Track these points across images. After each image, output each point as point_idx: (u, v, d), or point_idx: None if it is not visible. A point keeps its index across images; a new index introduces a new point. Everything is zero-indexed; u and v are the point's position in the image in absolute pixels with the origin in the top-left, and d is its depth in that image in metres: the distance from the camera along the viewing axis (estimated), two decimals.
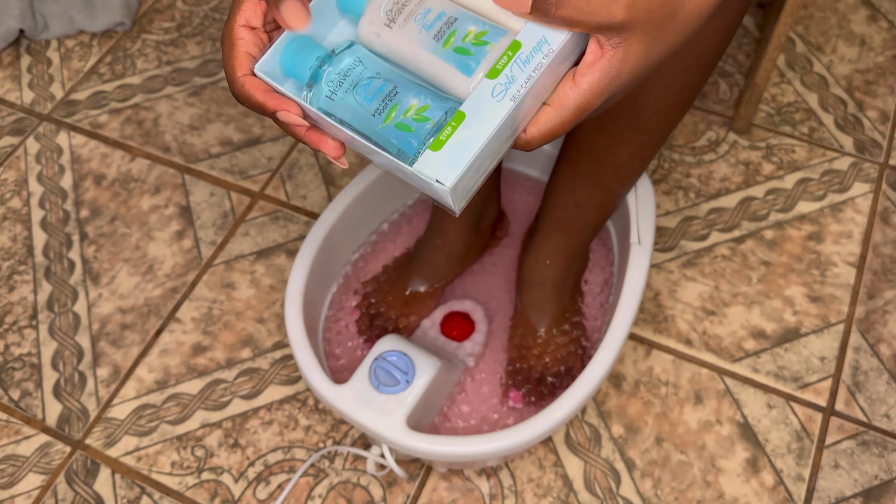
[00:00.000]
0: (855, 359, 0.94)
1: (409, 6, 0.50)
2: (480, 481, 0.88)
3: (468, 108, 0.47)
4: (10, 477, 0.90)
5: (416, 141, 0.48)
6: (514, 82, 0.46)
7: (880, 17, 1.25)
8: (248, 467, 0.90)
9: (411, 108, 0.48)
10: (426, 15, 0.50)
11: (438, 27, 0.50)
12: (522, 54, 0.46)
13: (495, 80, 0.46)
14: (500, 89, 0.46)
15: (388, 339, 0.84)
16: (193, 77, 1.23)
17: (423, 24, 0.50)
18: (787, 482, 0.87)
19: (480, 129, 0.46)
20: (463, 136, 0.46)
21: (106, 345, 0.99)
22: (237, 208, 1.10)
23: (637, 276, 0.86)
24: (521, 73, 0.46)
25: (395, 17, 0.51)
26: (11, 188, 1.13)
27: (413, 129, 0.48)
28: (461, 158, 0.46)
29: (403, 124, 0.48)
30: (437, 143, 0.46)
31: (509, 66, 0.46)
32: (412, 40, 0.50)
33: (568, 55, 0.48)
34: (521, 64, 0.46)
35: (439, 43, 0.49)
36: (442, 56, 0.49)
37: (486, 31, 0.49)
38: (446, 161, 0.46)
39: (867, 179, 1.08)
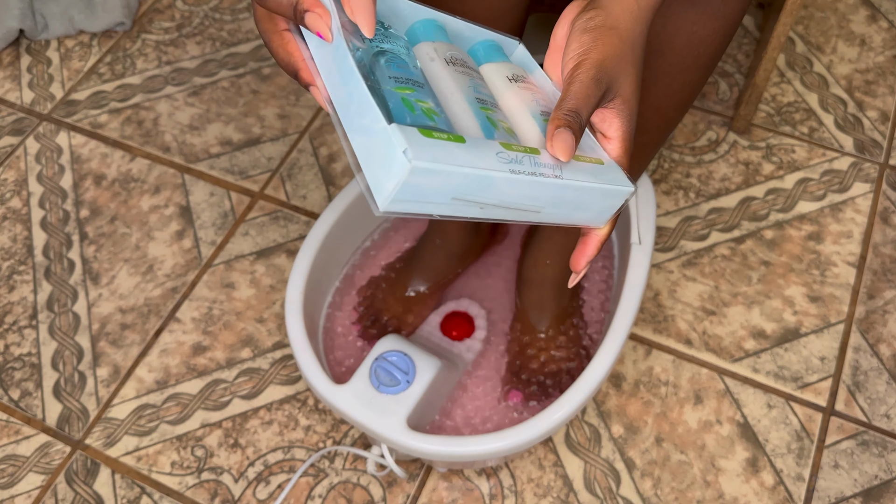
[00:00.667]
0: (855, 359, 0.94)
1: (467, 67, 0.52)
2: (480, 481, 0.88)
3: (471, 141, 0.45)
4: (10, 477, 0.90)
5: (410, 119, 0.45)
6: (517, 163, 0.45)
7: (880, 16, 1.25)
8: (248, 467, 0.90)
9: (424, 102, 0.47)
10: (479, 86, 0.51)
11: (484, 97, 0.51)
12: (537, 158, 0.47)
13: (505, 150, 0.46)
14: (503, 156, 0.45)
15: (389, 338, 0.84)
16: (193, 77, 1.23)
17: (474, 86, 0.51)
18: (786, 482, 0.87)
19: (470, 159, 0.43)
20: (454, 150, 0.43)
21: (106, 345, 0.99)
22: (237, 208, 1.10)
23: (637, 276, 0.86)
24: (527, 165, 0.45)
25: (452, 62, 0.52)
26: (11, 188, 1.13)
27: (414, 111, 0.45)
28: (440, 157, 0.42)
29: (408, 101, 0.46)
30: (427, 132, 0.43)
31: (522, 154, 0.46)
32: (457, 83, 0.50)
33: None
34: (532, 162, 0.46)
35: (477, 105, 0.50)
36: (474, 111, 0.49)
37: (514, 132, 0.50)
38: (426, 147, 0.42)
39: (867, 179, 1.08)
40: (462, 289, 0.98)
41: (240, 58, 1.25)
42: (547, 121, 0.50)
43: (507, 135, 0.49)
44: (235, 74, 1.23)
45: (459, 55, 0.53)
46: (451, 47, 0.53)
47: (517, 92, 0.53)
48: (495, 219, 0.48)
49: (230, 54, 1.25)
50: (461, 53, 0.53)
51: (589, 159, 0.50)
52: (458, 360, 0.92)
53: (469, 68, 0.52)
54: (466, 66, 0.52)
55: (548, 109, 0.52)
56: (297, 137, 1.16)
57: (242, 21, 1.30)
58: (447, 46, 0.53)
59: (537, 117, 0.51)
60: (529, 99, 0.52)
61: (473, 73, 0.52)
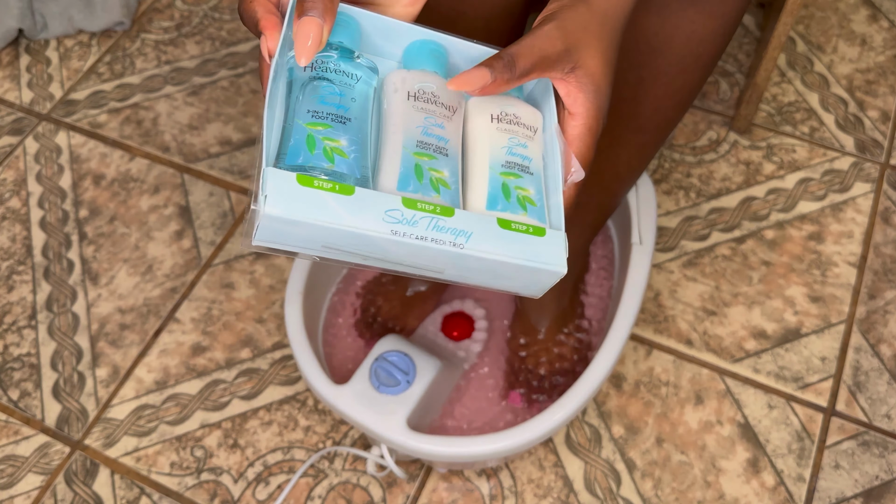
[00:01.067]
0: (856, 359, 0.94)
1: (435, 103, 0.50)
2: (480, 482, 0.88)
3: (360, 195, 0.43)
4: (10, 477, 0.90)
5: (303, 159, 0.45)
6: (407, 224, 0.44)
7: (881, 16, 1.25)
8: (247, 468, 0.90)
9: (334, 141, 0.46)
10: (434, 126, 0.49)
11: (432, 140, 0.49)
12: (442, 221, 0.45)
13: (401, 207, 0.44)
14: (393, 215, 0.44)
15: (389, 339, 0.84)
16: (193, 76, 1.23)
17: (426, 126, 0.49)
18: (787, 482, 0.87)
19: (344, 215, 0.43)
20: (328, 202, 0.43)
21: (105, 345, 0.99)
22: (236, 208, 1.09)
23: (638, 276, 0.86)
24: (420, 228, 0.44)
25: (416, 96, 0.50)
26: (10, 188, 1.13)
27: (313, 150, 0.45)
28: (300, 210, 0.42)
29: (313, 139, 0.45)
30: (307, 179, 0.43)
31: (423, 215, 0.45)
32: (404, 122, 0.48)
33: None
34: (431, 225, 0.45)
35: (415, 148, 0.48)
36: (402, 156, 0.47)
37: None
38: (290, 198, 0.42)
39: (868, 179, 1.08)
40: (462, 289, 0.98)
41: (239, 57, 1.25)
42: (507, 173, 0.49)
43: (431, 188, 0.46)
44: (235, 74, 1.23)
45: (431, 87, 0.50)
46: (426, 77, 0.50)
47: (490, 135, 0.50)
48: (388, 271, 0.48)
49: (229, 54, 1.25)
50: (435, 85, 0.50)
51: (524, 227, 0.47)
52: (458, 360, 0.92)
53: (436, 104, 0.50)
54: (434, 101, 0.50)
55: (522, 161, 0.50)
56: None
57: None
58: (422, 76, 0.50)
59: (496, 168, 0.49)
60: (500, 145, 0.50)
61: (438, 109, 0.50)
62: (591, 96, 0.49)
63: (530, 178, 0.49)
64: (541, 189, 0.49)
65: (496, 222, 0.47)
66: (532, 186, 0.49)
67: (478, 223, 0.46)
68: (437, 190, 0.47)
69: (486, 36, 0.72)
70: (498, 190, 0.48)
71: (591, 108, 0.49)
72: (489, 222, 0.46)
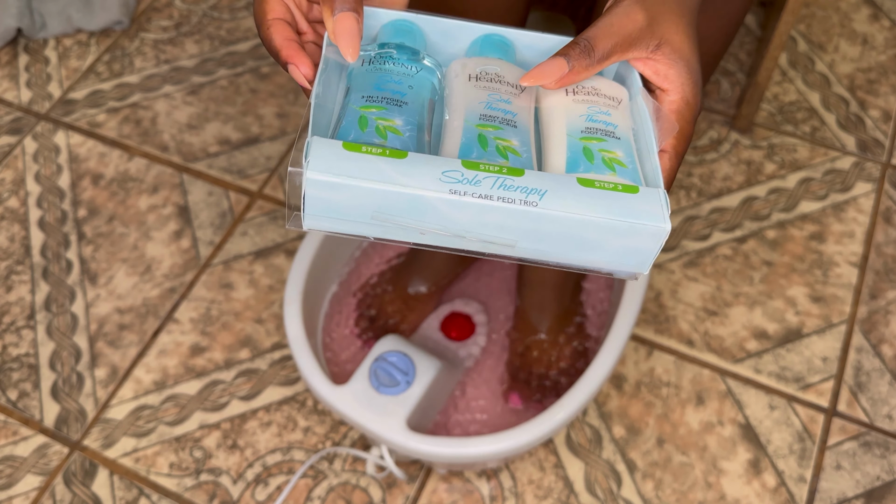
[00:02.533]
0: (857, 359, 0.94)
1: (499, 82, 0.46)
2: (481, 483, 0.88)
3: (413, 157, 0.39)
4: (8, 478, 0.90)
5: (354, 136, 0.41)
6: (468, 183, 0.39)
7: (882, 15, 1.24)
8: (246, 468, 0.89)
9: (388, 121, 0.43)
10: (499, 101, 0.45)
11: (498, 113, 0.45)
12: (511, 180, 0.40)
13: (462, 168, 0.40)
14: (451, 175, 0.39)
15: (389, 339, 0.83)
16: (192, 76, 1.22)
17: (490, 101, 0.45)
18: (788, 483, 0.87)
19: (395, 175, 0.39)
20: (378, 164, 0.39)
21: (104, 345, 0.99)
22: (235, 208, 1.09)
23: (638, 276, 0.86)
24: (484, 187, 0.39)
25: (478, 77, 0.47)
26: (9, 188, 1.13)
27: (365, 129, 0.42)
28: (347, 170, 0.38)
29: (365, 119, 0.42)
30: (354, 146, 0.39)
31: (487, 175, 0.40)
32: (467, 100, 0.45)
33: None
34: (497, 184, 0.40)
35: (478, 120, 0.44)
36: (464, 129, 0.44)
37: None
38: (335, 160, 0.38)
39: (869, 179, 1.08)
40: (462, 289, 0.97)
41: (238, 56, 1.24)
42: (589, 138, 0.44)
43: (498, 154, 0.42)
44: (234, 73, 1.22)
45: (494, 69, 0.47)
46: (489, 62, 0.47)
47: (567, 106, 0.45)
48: (451, 250, 0.42)
49: (229, 53, 1.25)
50: (500, 68, 0.47)
51: (611, 185, 0.41)
52: (458, 360, 0.92)
53: (501, 83, 0.46)
54: (499, 80, 0.46)
55: (605, 127, 0.45)
56: (295, 136, 1.15)
57: (241, 20, 1.29)
58: (484, 61, 0.48)
59: (574, 134, 0.44)
60: (579, 113, 0.45)
61: (504, 87, 0.46)
62: (683, 71, 0.46)
63: (617, 142, 0.44)
64: (631, 153, 0.44)
65: (576, 180, 0.40)
66: (620, 149, 0.44)
67: (554, 181, 0.40)
68: (506, 156, 0.42)
69: None
70: (579, 153, 0.43)
71: (685, 81, 0.46)
72: (568, 181, 0.40)
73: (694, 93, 0.47)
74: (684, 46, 0.46)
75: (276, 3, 0.48)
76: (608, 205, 0.40)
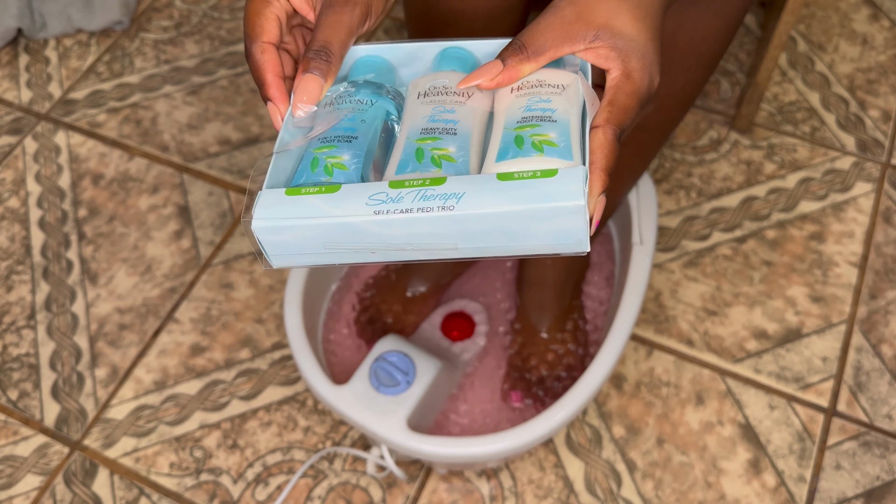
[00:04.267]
0: (857, 359, 0.94)
1: (447, 93, 0.50)
2: (481, 482, 0.88)
3: (345, 190, 0.44)
4: (9, 478, 0.90)
5: (305, 178, 0.46)
6: (391, 202, 0.43)
7: (882, 15, 1.25)
8: (246, 468, 0.89)
9: (335, 158, 0.47)
10: (444, 112, 0.49)
11: (440, 124, 0.49)
12: (431, 190, 0.43)
13: (388, 189, 0.43)
14: (376, 198, 0.43)
15: (389, 339, 0.83)
16: (192, 76, 1.23)
17: (433, 114, 0.49)
18: (788, 483, 0.87)
19: (326, 209, 0.43)
20: (313, 203, 0.43)
21: (104, 345, 0.99)
22: (236, 208, 1.09)
23: (638, 276, 0.86)
24: (405, 202, 0.43)
25: (426, 93, 0.50)
26: (9, 188, 1.13)
27: (315, 169, 0.46)
28: (283, 214, 0.44)
29: (316, 161, 0.47)
30: (295, 190, 0.44)
31: (409, 190, 0.43)
32: (413, 117, 0.49)
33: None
34: (417, 196, 0.43)
35: (419, 135, 0.48)
36: (405, 146, 0.48)
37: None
38: (275, 206, 0.44)
39: (869, 179, 1.08)
40: (462, 289, 0.97)
41: (238, 56, 1.25)
42: (522, 126, 0.47)
43: (431, 164, 0.46)
44: (234, 73, 1.23)
45: (443, 82, 0.50)
46: (440, 76, 0.51)
47: (509, 103, 0.49)
48: (405, 260, 0.46)
49: (229, 53, 1.25)
50: (448, 80, 0.50)
51: (529, 173, 0.43)
52: (459, 360, 0.92)
53: (447, 94, 0.50)
54: (445, 92, 0.50)
55: (542, 113, 0.48)
56: None
57: (241, 20, 1.29)
58: (436, 76, 0.51)
59: (510, 126, 0.47)
60: (518, 106, 0.48)
61: (449, 98, 0.49)
62: (626, 50, 0.47)
63: (552, 124, 0.46)
64: (567, 132, 0.46)
65: (495, 177, 0.43)
66: (554, 131, 0.46)
67: (472, 182, 0.43)
68: (439, 164, 0.46)
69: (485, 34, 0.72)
70: (510, 142, 0.46)
71: (627, 58, 0.47)
72: (487, 179, 0.43)
73: (638, 67, 0.47)
74: (626, 28, 0.47)
75: (271, 23, 0.49)
76: (524, 193, 0.42)
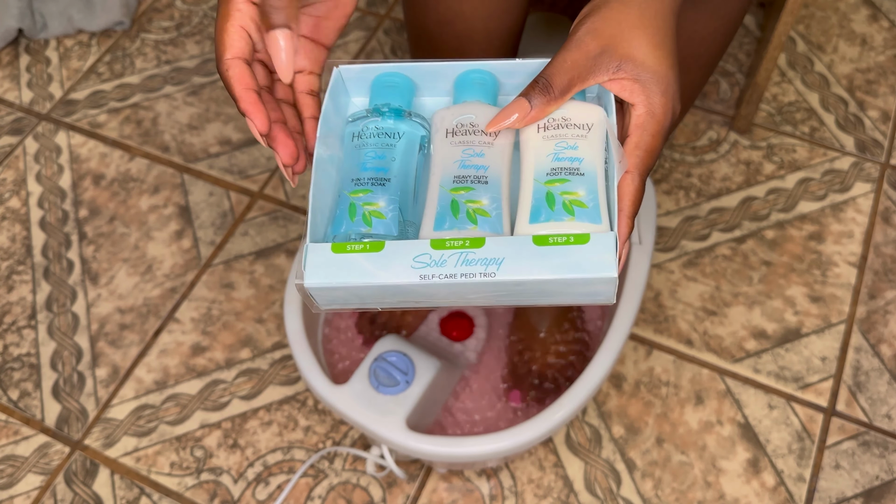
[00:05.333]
0: (856, 359, 0.94)
1: (474, 133, 0.51)
2: (480, 482, 0.88)
3: (390, 248, 0.46)
4: (9, 477, 0.90)
5: (345, 227, 0.48)
6: (435, 266, 0.45)
7: (881, 16, 1.25)
8: (247, 468, 0.90)
9: (372, 205, 0.49)
10: (473, 156, 0.50)
11: (470, 172, 0.50)
12: (472, 254, 0.46)
13: (430, 250, 0.46)
14: (421, 260, 0.45)
15: (388, 339, 0.84)
16: (192, 76, 1.23)
17: (463, 160, 0.50)
18: (787, 483, 0.87)
19: (374, 271, 0.45)
20: (360, 263, 0.46)
21: (105, 345, 0.99)
22: (236, 208, 1.09)
23: (638, 276, 0.86)
24: (448, 267, 0.45)
25: (453, 132, 0.51)
26: (10, 188, 1.13)
27: (354, 217, 0.48)
28: (333, 275, 0.46)
29: (354, 207, 0.49)
30: (341, 247, 0.46)
31: (452, 252, 0.45)
32: (443, 160, 0.50)
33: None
34: (460, 260, 0.45)
35: (452, 184, 0.49)
36: (440, 196, 0.49)
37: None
38: (325, 267, 0.46)
39: (868, 179, 1.08)
40: None
41: None
42: (552, 181, 0.48)
43: (468, 220, 0.48)
44: None
45: (470, 118, 0.51)
46: (467, 109, 0.51)
47: (536, 146, 0.49)
48: (443, 304, 0.49)
49: None
50: (475, 115, 0.51)
51: (563, 238, 0.45)
52: (458, 360, 0.92)
53: (475, 133, 0.50)
54: (473, 131, 0.50)
55: (570, 164, 0.48)
56: None
57: None
58: (462, 109, 0.51)
59: (540, 178, 0.48)
60: (546, 153, 0.49)
61: (477, 137, 0.50)
62: (649, 83, 0.47)
63: (580, 178, 0.48)
64: (594, 188, 0.48)
65: (531, 241, 0.46)
66: (582, 187, 0.47)
67: (511, 246, 0.45)
68: (475, 221, 0.47)
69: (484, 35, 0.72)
70: (541, 201, 0.47)
71: (651, 93, 0.47)
72: (524, 243, 0.46)
73: (662, 103, 0.48)
74: (648, 59, 0.47)
75: (234, 37, 0.48)
76: (560, 263, 0.45)
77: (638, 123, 0.48)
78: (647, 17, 0.48)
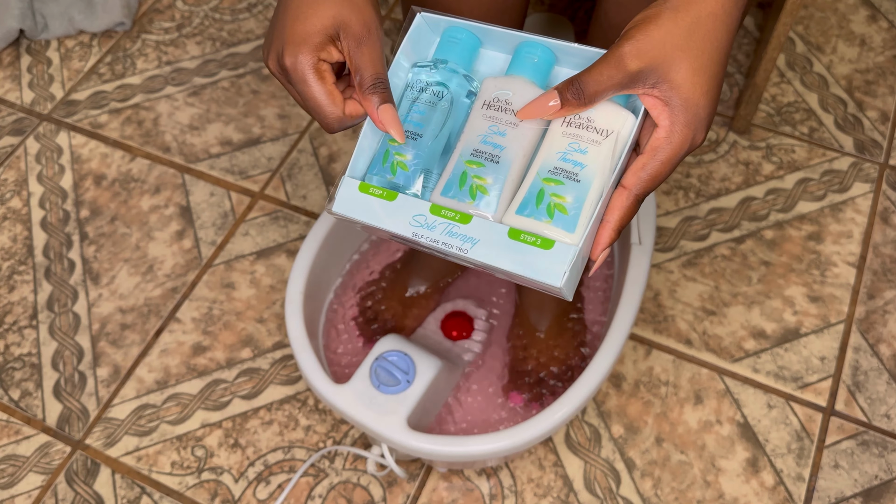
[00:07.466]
0: (855, 359, 0.94)
1: (508, 110, 0.54)
2: (480, 481, 0.88)
3: (401, 200, 0.54)
4: (11, 477, 0.90)
5: (376, 170, 0.56)
6: (427, 228, 0.54)
7: (880, 16, 1.25)
8: (248, 467, 0.90)
9: (401, 156, 0.55)
10: (497, 133, 0.54)
11: (489, 148, 0.54)
12: (458, 227, 0.53)
13: (427, 214, 0.53)
14: (418, 219, 0.54)
15: (389, 338, 0.84)
16: (193, 77, 1.23)
17: (486, 134, 0.54)
18: (787, 482, 0.87)
19: (382, 217, 0.55)
20: (373, 206, 0.54)
21: (106, 345, 0.99)
22: (237, 208, 1.10)
23: (637, 276, 0.86)
24: (436, 233, 0.53)
25: (489, 105, 0.55)
26: (11, 188, 1.13)
27: (384, 163, 0.55)
28: (352, 210, 0.55)
29: (387, 154, 0.56)
30: (365, 187, 0.55)
31: (444, 221, 0.53)
32: (471, 130, 0.55)
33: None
34: (445, 231, 0.53)
35: (470, 157, 0.54)
36: (455, 165, 0.54)
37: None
38: (348, 202, 0.55)
39: (867, 179, 1.08)
40: (462, 289, 0.98)
41: (240, 58, 1.25)
42: (550, 179, 0.51)
43: (468, 194, 0.53)
44: (235, 74, 1.23)
45: (507, 94, 0.54)
46: (510, 84, 0.54)
47: (553, 140, 0.52)
48: (431, 253, 0.56)
49: (230, 54, 1.26)
50: (512, 92, 0.54)
51: (533, 238, 0.50)
52: (458, 360, 0.92)
53: (506, 111, 0.54)
54: (505, 108, 0.54)
55: (572, 168, 0.51)
56: (297, 137, 1.16)
57: (242, 21, 1.30)
58: (506, 83, 0.54)
59: (542, 173, 0.52)
60: (557, 150, 0.52)
61: (506, 116, 0.53)
62: (677, 110, 0.48)
63: (574, 185, 0.51)
64: (583, 197, 0.51)
65: (506, 232, 0.51)
66: (572, 194, 0.51)
67: (488, 231, 0.51)
68: (474, 196, 0.53)
69: None
70: (533, 196, 0.51)
71: (675, 121, 0.48)
72: (500, 232, 0.51)
73: (682, 133, 0.48)
74: (685, 84, 0.48)
75: (337, 96, 0.55)
76: (520, 259, 0.50)
77: (654, 146, 0.49)
78: (695, 39, 0.48)
